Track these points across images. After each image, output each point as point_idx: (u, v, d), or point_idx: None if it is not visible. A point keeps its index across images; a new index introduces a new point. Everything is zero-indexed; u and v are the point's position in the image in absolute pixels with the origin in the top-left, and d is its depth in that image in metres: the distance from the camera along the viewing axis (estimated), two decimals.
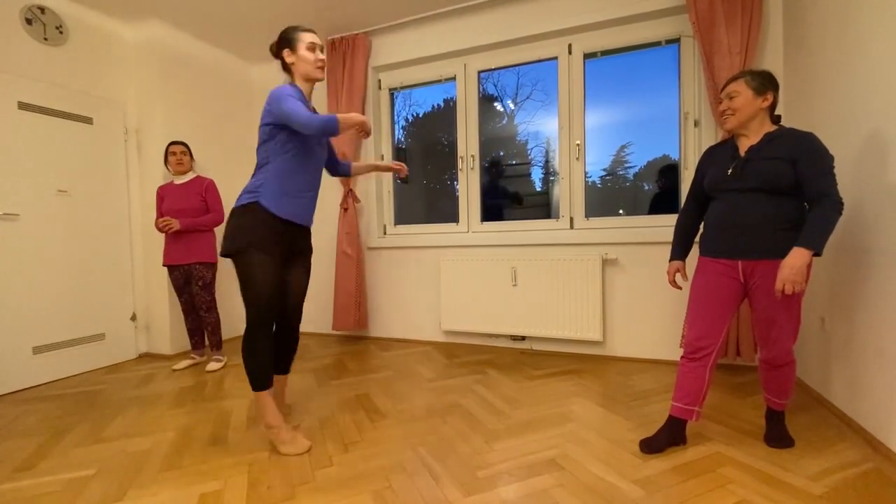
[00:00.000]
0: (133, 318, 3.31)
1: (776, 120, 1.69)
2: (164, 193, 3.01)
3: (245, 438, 1.96)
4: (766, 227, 1.58)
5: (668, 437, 1.75)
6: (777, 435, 1.76)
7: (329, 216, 3.80)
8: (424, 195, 4.04)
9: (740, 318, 2.54)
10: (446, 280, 3.30)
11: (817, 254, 1.46)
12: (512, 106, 4.12)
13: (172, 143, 3.02)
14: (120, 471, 1.72)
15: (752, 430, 1.87)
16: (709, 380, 1.70)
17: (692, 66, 2.79)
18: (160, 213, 2.98)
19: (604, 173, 3.21)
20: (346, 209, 3.53)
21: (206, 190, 3.02)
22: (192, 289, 3.01)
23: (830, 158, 1.52)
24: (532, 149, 3.54)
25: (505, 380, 2.60)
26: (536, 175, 3.53)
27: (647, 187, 3.17)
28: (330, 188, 3.77)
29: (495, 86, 3.58)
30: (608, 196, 3.22)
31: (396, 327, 3.64)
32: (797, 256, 1.46)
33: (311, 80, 1.88)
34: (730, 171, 1.65)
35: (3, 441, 2.01)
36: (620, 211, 3.19)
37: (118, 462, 1.79)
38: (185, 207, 2.93)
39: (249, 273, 1.76)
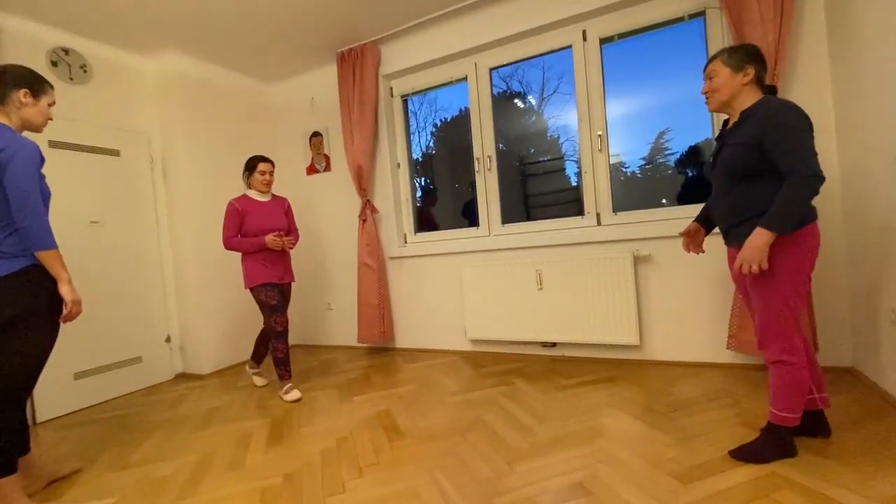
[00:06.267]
0: (167, 339, 3.41)
1: (769, 91, 1.56)
2: (246, 208, 2.73)
3: (262, 462, 1.92)
4: (732, 218, 1.57)
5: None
6: (745, 448, 1.60)
7: (348, 229, 3.78)
8: (453, 199, 3.93)
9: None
10: (469, 287, 3.19)
11: (781, 234, 1.41)
12: (532, 101, 3.96)
13: (263, 160, 2.80)
14: (139, 498, 1.72)
15: (812, 445, 1.63)
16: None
17: (720, 39, 2.55)
18: (235, 229, 2.70)
19: (643, 162, 2.98)
20: (364, 220, 3.49)
21: (287, 210, 2.93)
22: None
23: (796, 129, 1.40)
24: (564, 143, 3.37)
25: (533, 391, 2.45)
26: (572, 170, 3.32)
27: (690, 174, 2.93)
28: (347, 200, 3.76)
29: (520, 82, 3.44)
30: (649, 186, 2.98)
31: (423, 338, 3.55)
32: (755, 235, 1.44)
33: (23, 131, 1.73)
34: (711, 158, 1.68)
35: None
36: (664, 200, 2.96)
37: (139, 489, 1.80)
38: (275, 226, 2.76)
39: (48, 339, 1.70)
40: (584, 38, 2.89)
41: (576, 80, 2.94)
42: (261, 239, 2.67)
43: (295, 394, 2.67)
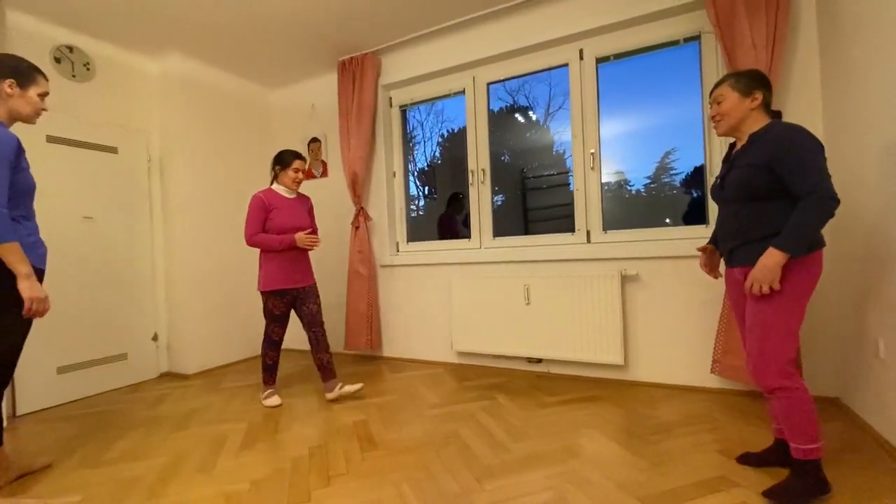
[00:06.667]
0: (154, 338, 3.41)
1: (775, 116, 1.56)
2: (273, 203, 2.59)
3: (233, 467, 1.91)
4: (738, 238, 1.56)
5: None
6: (778, 490, 1.48)
7: (340, 235, 3.79)
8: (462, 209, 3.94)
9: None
10: (458, 299, 3.18)
11: (794, 255, 1.38)
12: (533, 116, 3.97)
13: (298, 156, 2.67)
14: (105, 498, 1.71)
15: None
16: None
17: (715, 63, 2.56)
18: (260, 224, 2.56)
19: (648, 181, 2.99)
20: (357, 227, 3.50)
21: (310, 209, 2.81)
22: (307, 309, 2.65)
23: (810, 151, 1.39)
24: (568, 158, 3.39)
25: (513, 407, 2.43)
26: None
27: (695, 194, 2.93)
28: (341, 206, 3.77)
29: (526, 97, 3.47)
30: (652, 205, 2.98)
31: (410, 347, 3.53)
32: (767, 256, 1.41)
33: (13, 122, 1.72)
34: (718, 180, 1.67)
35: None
36: (668, 220, 2.96)
37: (107, 488, 1.79)
38: (299, 224, 2.63)
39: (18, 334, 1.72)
40: (581, 57, 2.91)
41: (571, 99, 2.95)
42: (290, 237, 2.55)
43: (275, 399, 2.66)
